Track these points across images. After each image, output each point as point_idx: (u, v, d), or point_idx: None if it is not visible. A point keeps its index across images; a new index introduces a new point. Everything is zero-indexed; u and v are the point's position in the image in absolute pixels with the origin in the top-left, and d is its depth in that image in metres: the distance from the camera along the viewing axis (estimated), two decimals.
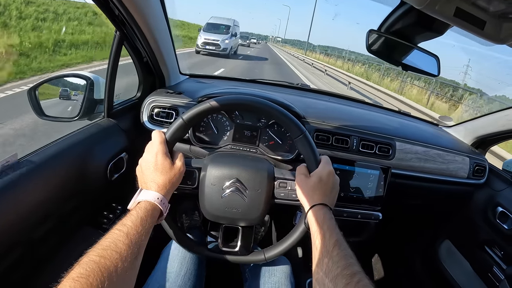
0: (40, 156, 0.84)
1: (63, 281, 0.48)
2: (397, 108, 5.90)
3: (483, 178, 1.39)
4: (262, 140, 1.14)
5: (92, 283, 0.48)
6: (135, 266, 0.59)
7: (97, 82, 1.19)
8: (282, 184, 0.88)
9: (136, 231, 0.61)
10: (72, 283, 0.47)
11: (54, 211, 0.85)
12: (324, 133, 1.17)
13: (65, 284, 0.47)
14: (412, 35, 0.83)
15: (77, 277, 0.48)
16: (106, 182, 1.04)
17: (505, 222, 1.26)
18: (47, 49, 7.92)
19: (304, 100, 1.48)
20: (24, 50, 7.05)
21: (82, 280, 0.48)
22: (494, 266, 1.27)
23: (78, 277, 0.48)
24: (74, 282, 0.47)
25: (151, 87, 1.32)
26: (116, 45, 1.06)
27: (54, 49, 8.18)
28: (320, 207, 0.75)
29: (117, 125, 1.14)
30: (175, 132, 0.82)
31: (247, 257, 0.92)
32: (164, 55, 1.20)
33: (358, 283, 0.55)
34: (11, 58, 6.39)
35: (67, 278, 0.48)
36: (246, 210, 0.86)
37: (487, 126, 1.48)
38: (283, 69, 17.14)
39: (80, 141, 0.98)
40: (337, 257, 0.62)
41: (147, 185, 0.73)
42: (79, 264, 0.51)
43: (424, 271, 1.70)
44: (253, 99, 0.85)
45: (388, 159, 1.22)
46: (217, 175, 0.86)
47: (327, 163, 0.83)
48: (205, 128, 1.14)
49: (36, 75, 6.00)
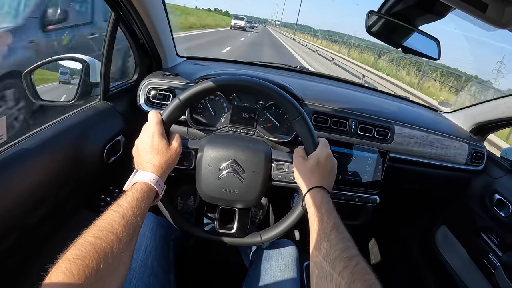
0: (35, 140, 0.83)
1: (58, 263, 0.48)
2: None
3: (481, 165, 1.38)
4: (259, 122, 1.14)
5: (88, 264, 0.48)
6: (130, 248, 0.59)
7: (93, 65, 1.18)
8: (280, 166, 0.87)
9: (131, 212, 0.60)
10: (68, 264, 0.47)
11: (50, 195, 0.85)
12: (323, 116, 1.16)
13: (60, 266, 0.47)
14: (412, 17, 0.81)
15: (73, 258, 0.48)
16: (102, 165, 1.04)
17: (502, 209, 1.26)
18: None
19: (303, 82, 1.46)
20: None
21: (78, 262, 0.48)
22: (490, 253, 1.27)
23: (74, 258, 0.48)
24: (70, 264, 0.47)
25: (147, 70, 1.31)
26: (111, 26, 1.05)
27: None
28: (317, 190, 0.74)
29: (113, 108, 1.13)
30: (171, 113, 0.80)
31: (243, 239, 0.92)
32: (160, 36, 1.18)
33: (356, 266, 0.55)
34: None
35: (62, 259, 0.48)
36: (243, 192, 0.86)
37: (486, 113, 1.47)
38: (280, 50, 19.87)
39: (76, 124, 0.97)
40: (335, 240, 0.62)
41: (143, 166, 0.73)
42: (75, 245, 0.51)
43: (420, 256, 1.71)
44: (250, 79, 0.84)
45: (387, 142, 1.21)
46: (214, 156, 0.85)
47: (325, 145, 0.82)
48: (202, 110, 1.13)
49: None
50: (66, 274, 0.46)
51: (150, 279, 0.84)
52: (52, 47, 2.63)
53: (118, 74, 1.87)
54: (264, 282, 0.92)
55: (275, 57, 15.37)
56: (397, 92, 5.82)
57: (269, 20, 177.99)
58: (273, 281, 0.92)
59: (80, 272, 0.47)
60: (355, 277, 0.53)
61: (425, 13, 0.77)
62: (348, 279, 0.53)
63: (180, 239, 1.11)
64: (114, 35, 1.06)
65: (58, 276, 0.46)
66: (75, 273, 0.46)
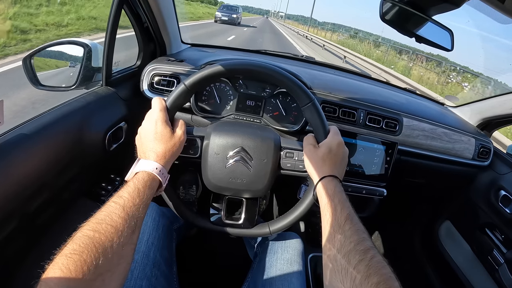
0: (35, 125, 0.80)
1: (55, 258, 0.46)
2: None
3: (488, 160, 1.37)
4: (266, 111, 1.11)
5: (85, 259, 0.46)
6: (132, 241, 0.56)
7: (95, 49, 1.14)
8: (289, 154, 0.85)
9: (133, 203, 0.58)
10: (64, 260, 0.45)
11: (50, 182, 0.82)
12: (331, 105, 1.14)
13: (57, 262, 0.45)
14: (427, 6, 0.79)
15: (70, 254, 0.46)
16: (104, 153, 1.01)
17: (508, 206, 1.25)
18: None
19: (310, 71, 1.43)
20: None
21: (75, 257, 0.45)
22: (494, 250, 1.26)
23: (71, 253, 0.46)
24: (67, 259, 0.45)
25: (151, 55, 1.28)
26: (115, 9, 1.01)
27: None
28: (330, 179, 0.72)
29: (115, 94, 1.10)
30: (176, 99, 0.77)
31: (251, 230, 0.89)
32: (166, 20, 1.16)
33: (371, 259, 0.53)
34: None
35: (59, 255, 0.46)
36: (251, 181, 0.83)
37: (494, 108, 1.45)
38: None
39: (77, 109, 0.94)
40: (349, 232, 0.59)
41: (146, 154, 0.70)
42: (73, 239, 0.49)
43: (423, 251, 1.71)
44: (260, 64, 0.81)
45: (395, 134, 1.19)
46: (221, 144, 0.82)
47: (336, 133, 0.79)
48: (208, 97, 1.10)
49: None
50: (62, 271, 0.44)
51: (153, 271, 0.82)
52: None
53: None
54: (270, 275, 0.91)
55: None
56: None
57: (272, 11, 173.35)
58: (278, 274, 0.90)
59: (77, 268, 0.45)
60: (371, 271, 0.51)
61: (441, 2, 0.74)
62: (364, 273, 0.51)
63: (182, 229, 1.09)
64: (118, 18, 1.03)
65: (54, 273, 0.44)
66: (72, 269, 0.44)
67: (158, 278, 0.83)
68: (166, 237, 0.95)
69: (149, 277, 0.80)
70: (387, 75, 9.47)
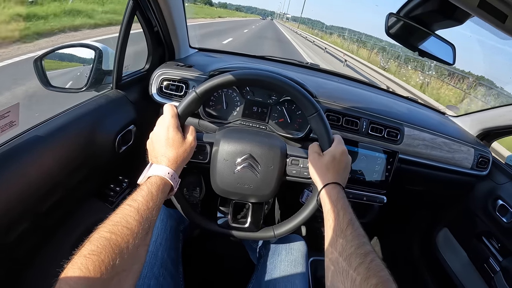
0: (48, 127, 0.83)
1: (74, 258, 0.47)
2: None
3: (486, 170, 1.39)
4: (271, 117, 1.14)
5: (103, 260, 0.48)
6: (146, 242, 0.58)
7: (105, 52, 1.17)
8: (295, 162, 0.87)
9: (146, 206, 0.60)
10: (83, 260, 0.47)
11: (62, 183, 0.85)
12: (335, 114, 1.17)
13: (76, 262, 0.47)
14: (431, 21, 0.82)
15: (88, 254, 0.48)
16: (113, 155, 1.04)
17: (505, 215, 1.27)
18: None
19: (315, 79, 1.46)
20: None
21: (93, 257, 0.47)
22: (491, 258, 1.29)
23: (90, 254, 0.48)
24: (85, 259, 0.47)
25: (160, 59, 1.30)
26: (128, 14, 1.04)
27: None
28: (333, 186, 0.75)
29: (125, 97, 1.13)
30: (187, 106, 0.80)
31: (256, 233, 0.92)
32: (176, 25, 1.18)
33: (371, 262, 0.56)
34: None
35: (78, 255, 0.48)
36: (258, 186, 0.86)
37: (494, 119, 1.47)
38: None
39: (89, 112, 0.97)
40: (351, 236, 0.62)
41: (158, 159, 0.72)
42: (90, 240, 0.51)
43: (421, 258, 1.73)
44: (269, 74, 0.84)
45: (396, 143, 1.22)
46: (229, 150, 0.85)
47: (340, 142, 0.83)
48: (215, 102, 1.13)
49: None
50: (82, 270, 0.46)
51: (160, 271, 0.85)
52: None
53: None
54: (274, 276, 0.93)
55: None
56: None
57: (277, 13, 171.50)
58: (282, 275, 0.93)
59: (96, 267, 0.46)
60: (370, 273, 0.54)
61: (445, 18, 0.77)
62: (364, 275, 0.54)
63: (187, 230, 1.12)
64: (130, 23, 1.05)
65: (74, 272, 0.45)
66: (91, 269, 0.46)
67: (166, 277, 0.85)
68: (173, 238, 0.98)
69: (157, 277, 0.83)
70: (392, 83, 9.41)
